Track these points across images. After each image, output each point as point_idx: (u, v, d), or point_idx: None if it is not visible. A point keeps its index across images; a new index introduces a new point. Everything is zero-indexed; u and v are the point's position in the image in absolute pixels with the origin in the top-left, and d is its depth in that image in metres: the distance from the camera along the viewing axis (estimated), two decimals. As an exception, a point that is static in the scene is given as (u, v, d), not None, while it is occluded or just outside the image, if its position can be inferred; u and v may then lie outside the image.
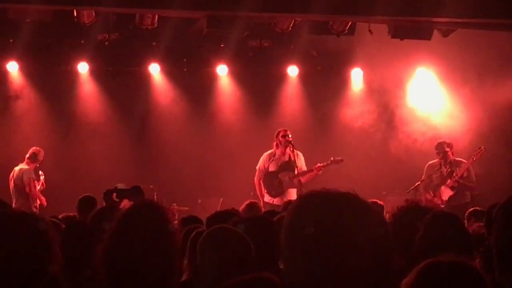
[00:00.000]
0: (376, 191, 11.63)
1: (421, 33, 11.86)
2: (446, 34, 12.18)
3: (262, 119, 13.93)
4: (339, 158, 11.88)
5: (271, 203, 11.21)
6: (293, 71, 14.07)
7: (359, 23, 11.89)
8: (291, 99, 14.26)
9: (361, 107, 14.04)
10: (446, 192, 11.85)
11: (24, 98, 13.42)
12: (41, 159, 12.25)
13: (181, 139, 13.87)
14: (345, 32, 11.93)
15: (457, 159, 12.01)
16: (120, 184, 7.86)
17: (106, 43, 12.98)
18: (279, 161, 11.65)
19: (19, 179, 11.96)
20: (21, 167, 12.09)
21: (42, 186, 12.25)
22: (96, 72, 13.50)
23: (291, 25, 11.96)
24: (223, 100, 14.19)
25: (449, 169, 11.89)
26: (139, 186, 7.22)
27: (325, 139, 13.77)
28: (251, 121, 14.07)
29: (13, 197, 11.92)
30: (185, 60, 13.80)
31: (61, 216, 7.45)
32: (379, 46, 12.50)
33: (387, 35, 11.96)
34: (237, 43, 12.93)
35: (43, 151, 12.32)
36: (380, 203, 7.64)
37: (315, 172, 11.62)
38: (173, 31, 12.35)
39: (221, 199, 12.38)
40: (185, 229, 4.93)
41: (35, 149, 12.25)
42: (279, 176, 11.62)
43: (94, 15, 11.48)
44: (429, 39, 12.00)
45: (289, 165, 11.56)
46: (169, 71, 13.81)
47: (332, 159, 11.80)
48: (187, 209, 11.82)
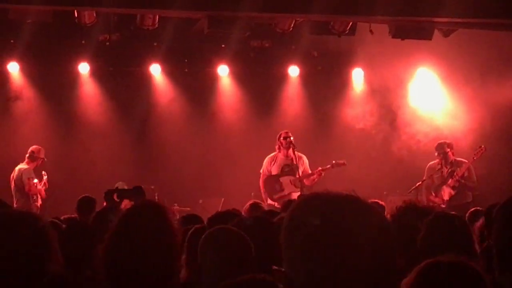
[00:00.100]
0: (377, 191, 11.63)
1: (422, 33, 11.85)
2: (447, 34, 12.17)
3: (263, 120, 13.92)
4: (342, 161, 11.84)
5: (274, 206, 11.19)
6: (294, 71, 14.07)
7: (360, 23, 11.88)
8: (292, 99, 14.25)
9: (362, 107, 14.03)
10: (447, 192, 11.85)
11: (24, 98, 13.41)
12: (41, 156, 12.14)
13: (182, 139, 13.87)
14: (346, 32, 11.92)
15: (458, 159, 12.00)
16: (120, 182, 7.88)
17: (107, 44, 12.99)
18: (281, 164, 11.65)
19: (19, 179, 11.94)
20: (21, 166, 12.06)
21: (44, 185, 12.21)
22: (97, 72, 13.49)
23: (292, 26, 11.96)
24: (224, 100, 14.19)
25: (450, 169, 11.89)
26: (140, 186, 7.22)
27: (326, 139, 13.77)
28: (252, 121, 14.06)
29: (14, 197, 11.92)
30: (186, 60, 13.80)
31: (62, 217, 7.45)
32: (380, 46, 12.50)
33: (388, 35, 11.96)
34: (238, 43, 12.93)
35: (43, 149, 12.22)
36: (381, 203, 7.64)
37: (316, 175, 11.61)
38: (174, 31, 12.35)
39: (222, 199, 12.38)
40: (185, 228, 4.92)
41: (34, 147, 12.19)
42: (280, 179, 11.62)
43: (95, 15, 11.49)
44: (430, 39, 11.99)
45: (291, 167, 11.55)
46: (170, 71, 13.80)
47: (334, 162, 11.78)
48: (188, 209, 11.79)
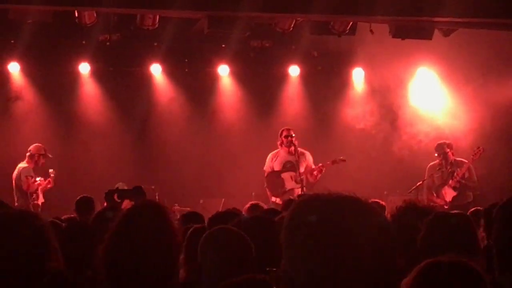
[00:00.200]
0: (377, 191, 11.63)
1: (422, 33, 11.85)
2: (447, 33, 12.17)
3: (263, 119, 13.92)
4: (341, 158, 11.89)
5: (277, 203, 11.23)
6: (294, 71, 14.06)
7: (360, 23, 11.88)
8: (293, 99, 14.25)
9: (362, 107, 14.02)
10: (449, 192, 11.83)
11: (25, 98, 13.41)
12: (40, 153, 12.01)
13: (182, 139, 13.87)
14: (346, 32, 11.92)
15: (458, 159, 11.99)
16: (120, 183, 7.88)
17: (107, 44, 12.98)
18: (283, 160, 11.70)
19: (18, 178, 11.89)
20: (20, 165, 12.02)
21: (49, 183, 12.14)
22: (97, 72, 13.49)
23: (292, 25, 11.95)
24: (225, 100, 14.18)
25: (450, 170, 11.88)
26: (140, 186, 7.22)
27: (326, 139, 13.76)
28: (253, 121, 14.06)
29: (14, 196, 11.89)
30: (186, 60, 13.79)
31: (63, 217, 7.44)
32: (380, 46, 12.49)
33: (388, 35, 11.96)
34: (238, 43, 12.92)
35: (41, 146, 12.05)
36: (381, 203, 7.65)
37: (317, 171, 11.63)
38: (174, 31, 12.35)
39: (223, 199, 12.37)
40: (185, 227, 4.93)
41: (32, 146, 12.10)
42: (282, 175, 11.65)
43: (95, 15, 11.49)
44: (430, 39, 11.99)
45: (292, 164, 11.60)
46: (170, 71, 13.80)
47: (333, 159, 11.82)
48: (188, 209, 11.77)
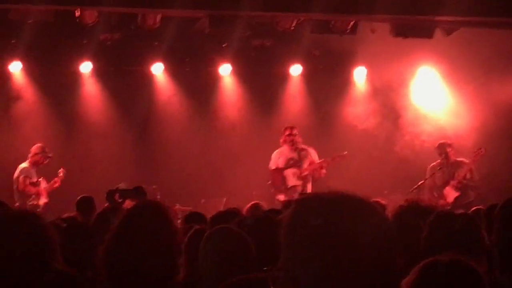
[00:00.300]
0: (378, 190, 11.62)
1: (423, 32, 11.86)
2: (448, 32, 12.17)
3: (265, 119, 13.92)
4: (341, 154, 11.92)
5: (281, 200, 11.25)
6: (295, 70, 14.05)
7: (361, 22, 11.88)
8: (294, 98, 14.24)
9: (364, 106, 14.01)
10: (450, 193, 11.81)
11: (26, 98, 13.40)
12: (41, 153, 11.95)
13: (184, 138, 13.87)
14: (347, 31, 11.93)
15: (459, 159, 11.96)
16: (121, 183, 7.89)
17: (108, 43, 12.98)
18: (286, 158, 11.76)
19: (17, 178, 11.89)
20: (21, 165, 11.99)
21: (55, 183, 12.08)
22: (98, 72, 13.48)
23: (293, 25, 11.95)
24: (226, 99, 14.18)
25: (451, 170, 11.86)
26: (141, 186, 7.24)
27: (328, 138, 13.74)
28: (254, 121, 14.05)
29: (15, 196, 11.87)
30: (188, 59, 13.78)
31: (64, 216, 7.43)
32: (382, 45, 12.48)
33: (389, 34, 11.96)
34: (239, 42, 12.92)
35: (41, 146, 12.04)
36: (382, 202, 7.62)
37: (318, 168, 11.67)
38: (176, 30, 12.34)
39: (224, 199, 12.38)
40: (187, 227, 4.92)
41: (33, 147, 12.09)
42: (284, 172, 11.70)
43: (96, 15, 11.49)
44: (431, 38, 12.00)
45: (295, 160, 11.65)
46: (172, 70, 13.79)
47: (333, 156, 11.85)
48: (190, 209, 11.78)
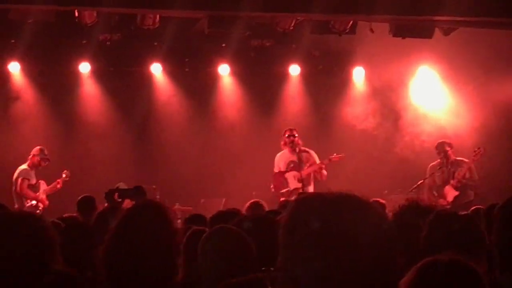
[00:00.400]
0: (378, 190, 11.62)
1: (422, 32, 11.86)
2: (447, 32, 12.17)
3: (264, 119, 13.92)
4: (338, 155, 11.90)
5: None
6: (295, 70, 14.05)
7: (360, 22, 11.88)
8: (293, 98, 14.24)
9: (363, 106, 14.01)
10: (450, 192, 11.81)
11: (25, 98, 13.40)
12: (40, 155, 11.92)
13: (183, 139, 13.87)
14: (347, 31, 11.93)
15: (458, 158, 11.96)
16: (121, 183, 7.88)
17: (107, 44, 12.98)
18: (287, 161, 11.76)
19: (15, 179, 11.87)
20: (20, 167, 11.97)
21: (57, 184, 12.06)
22: (97, 72, 13.48)
23: (292, 25, 11.95)
24: (225, 99, 14.18)
25: (451, 169, 11.86)
26: (140, 186, 7.22)
27: (327, 139, 13.74)
28: (253, 121, 14.06)
29: (14, 198, 11.85)
30: (187, 60, 13.78)
31: (64, 216, 7.42)
32: (381, 45, 12.48)
33: (388, 34, 11.96)
34: (238, 43, 12.92)
35: (40, 149, 12.02)
36: (381, 201, 7.62)
37: (317, 169, 11.67)
38: (175, 31, 12.34)
39: (224, 199, 12.38)
40: (184, 228, 4.91)
41: (33, 149, 12.07)
42: (286, 175, 11.71)
43: (95, 15, 11.49)
44: (430, 38, 12.00)
45: (295, 163, 11.65)
46: (171, 71, 13.80)
47: (329, 158, 11.83)
48: (189, 209, 11.80)
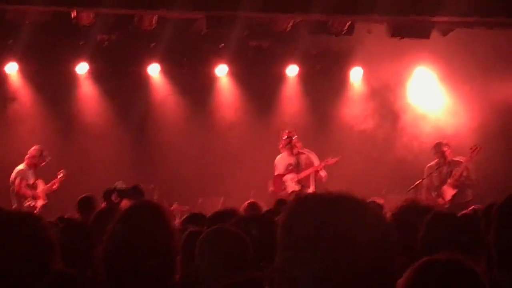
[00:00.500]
0: (376, 190, 11.63)
1: (420, 32, 11.87)
2: (445, 33, 12.18)
3: (262, 119, 13.93)
4: (336, 158, 11.88)
5: None
6: (292, 71, 14.05)
7: (358, 22, 11.89)
8: (291, 99, 14.25)
9: (361, 106, 14.02)
10: (448, 191, 11.82)
11: (23, 99, 13.39)
12: (38, 156, 11.93)
13: (181, 139, 13.87)
14: (344, 32, 11.93)
15: (455, 158, 11.98)
16: (119, 182, 7.90)
17: (105, 44, 12.98)
18: (286, 163, 11.76)
19: (13, 179, 11.87)
20: (18, 167, 11.97)
21: (54, 185, 12.07)
22: (95, 73, 13.47)
23: (290, 25, 11.96)
24: (223, 100, 14.18)
25: (448, 169, 11.87)
26: (138, 185, 7.24)
27: (325, 139, 13.75)
28: (251, 121, 14.06)
29: (12, 198, 11.85)
30: (185, 60, 13.77)
31: (66, 216, 7.43)
32: (379, 45, 12.50)
33: (386, 34, 11.97)
34: (236, 43, 12.92)
35: (39, 148, 12.02)
36: (379, 202, 7.63)
37: (314, 172, 11.68)
38: (173, 31, 12.34)
39: (222, 199, 12.40)
40: (182, 228, 4.91)
41: (31, 149, 12.08)
42: (284, 178, 11.72)
43: (93, 16, 11.48)
44: (428, 38, 12.01)
45: (293, 166, 11.65)
46: (169, 71, 13.79)
47: (325, 161, 11.82)
48: (187, 208, 11.81)
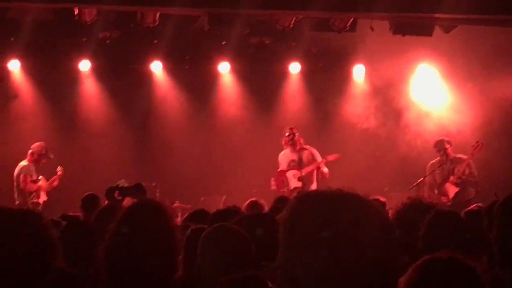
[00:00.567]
0: (378, 188, 11.63)
1: (423, 29, 11.85)
2: (447, 30, 12.16)
3: (264, 117, 13.93)
4: (336, 154, 11.87)
5: None
6: (294, 68, 14.06)
7: (360, 19, 11.87)
8: (293, 96, 14.25)
9: (364, 103, 14.02)
10: (451, 189, 11.80)
11: (25, 96, 13.41)
12: (41, 152, 11.97)
13: (183, 136, 13.88)
14: (347, 29, 11.90)
15: (458, 155, 11.95)
16: (121, 180, 7.89)
17: (107, 41, 12.98)
18: (288, 159, 11.77)
19: (17, 176, 11.88)
20: (21, 163, 12.00)
21: (54, 181, 12.09)
22: (97, 70, 13.49)
23: (292, 22, 11.93)
24: (225, 97, 14.19)
25: (451, 167, 11.85)
26: (140, 183, 7.23)
27: (327, 136, 13.75)
28: (253, 119, 14.06)
29: (15, 195, 11.87)
30: (187, 57, 13.79)
31: (69, 214, 7.44)
32: (381, 42, 12.48)
33: (389, 31, 11.95)
34: (238, 40, 12.92)
35: (44, 146, 12.05)
36: (382, 199, 7.62)
37: (315, 169, 11.68)
38: (175, 28, 12.33)
39: (224, 197, 12.41)
40: (184, 225, 4.91)
41: (34, 144, 12.11)
42: (286, 174, 11.74)
43: (95, 13, 11.47)
44: (430, 35, 11.99)
45: (295, 162, 11.67)
46: (171, 68, 13.80)
47: (325, 159, 11.80)
48: (189, 206, 11.81)
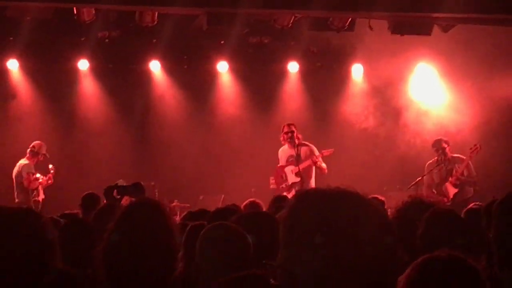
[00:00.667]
0: (377, 187, 11.62)
1: (421, 29, 11.85)
2: (446, 29, 12.16)
3: (263, 116, 13.93)
4: (330, 149, 11.86)
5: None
6: (293, 67, 14.06)
7: (359, 19, 11.87)
8: (292, 95, 14.25)
9: (362, 103, 14.02)
10: (450, 189, 11.80)
11: (23, 96, 13.41)
12: (42, 152, 12.04)
13: (182, 135, 13.88)
14: (345, 28, 11.91)
15: (455, 155, 11.95)
16: (120, 180, 7.90)
17: (106, 41, 12.98)
18: (287, 155, 11.79)
19: (19, 174, 11.90)
20: (21, 162, 12.04)
21: (49, 179, 12.12)
22: (96, 69, 13.49)
23: (291, 22, 11.94)
24: (224, 96, 14.19)
25: (449, 167, 11.85)
26: (139, 182, 7.23)
27: (326, 137, 13.73)
28: (252, 118, 14.06)
29: (15, 193, 11.88)
30: (186, 57, 13.79)
31: (66, 212, 7.43)
32: (379, 42, 12.48)
33: (387, 31, 11.95)
34: (237, 39, 12.92)
35: (44, 145, 12.14)
36: (380, 198, 7.62)
37: (312, 164, 11.69)
38: (173, 28, 12.34)
39: (223, 196, 12.40)
40: (183, 224, 4.91)
41: (35, 143, 12.14)
42: (285, 169, 11.75)
43: (94, 12, 11.47)
44: (429, 35, 11.99)
45: (294, 158, 11.69)
46: (170, 68, 13.80)
47: (322, 152, 11.80)
48: (188, 205, 11.82)
